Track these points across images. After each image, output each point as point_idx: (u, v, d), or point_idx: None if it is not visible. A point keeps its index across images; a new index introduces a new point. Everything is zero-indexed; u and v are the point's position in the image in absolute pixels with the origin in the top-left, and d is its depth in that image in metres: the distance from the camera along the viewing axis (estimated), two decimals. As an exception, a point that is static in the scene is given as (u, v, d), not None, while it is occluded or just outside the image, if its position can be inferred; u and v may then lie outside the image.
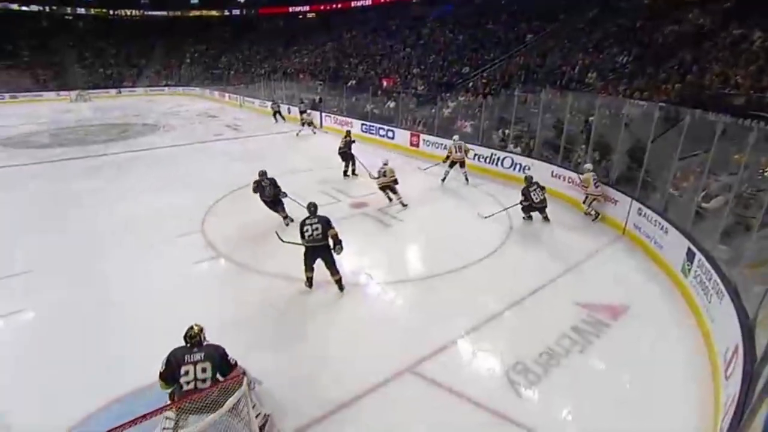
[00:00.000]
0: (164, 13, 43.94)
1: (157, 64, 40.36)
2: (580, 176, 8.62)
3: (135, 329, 5.17)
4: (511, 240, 7.67)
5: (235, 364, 3.54)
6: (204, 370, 3.33)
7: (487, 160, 11.66)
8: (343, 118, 17.93)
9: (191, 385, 3.31)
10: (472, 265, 6.75)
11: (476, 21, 23.42)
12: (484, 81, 17.01)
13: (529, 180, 8.34)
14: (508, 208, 8.47)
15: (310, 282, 5.96)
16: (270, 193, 7.97)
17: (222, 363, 3.44)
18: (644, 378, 4.52)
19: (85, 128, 20.26)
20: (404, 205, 9.16)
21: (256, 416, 3.52)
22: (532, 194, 8.17)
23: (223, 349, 3.53)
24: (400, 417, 4.08)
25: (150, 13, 43.74)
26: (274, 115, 20.83)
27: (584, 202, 8.65)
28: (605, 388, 4.44)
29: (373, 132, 16.06)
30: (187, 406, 3.18)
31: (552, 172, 9.81)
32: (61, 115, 24.96)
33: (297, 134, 17.58)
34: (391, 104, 17.16)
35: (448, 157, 10.66)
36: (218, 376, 3.42)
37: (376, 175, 9.35)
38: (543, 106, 10.61)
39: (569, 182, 9.35)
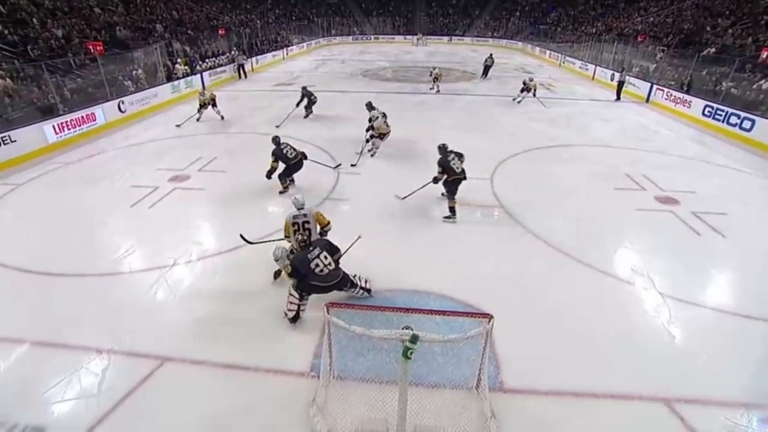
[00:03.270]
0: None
1: (487, 16, 42.49)
2: None
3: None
4: None
5: (338, 248, 4.81)
6: (326, 257, 4.53)
7: None
8: (681, 95, 14.61)
9: (324, 271, 4.49)
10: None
11: None
12: None
13: (443, 149, 6.88)
14: (426, 185, 7.21)
15: (287, 188, 7.80)
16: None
17: (331, 248, 4.69)
18: None
19: (417, 68, 23.90)
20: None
21: (365, 282, 5.09)
22: (452, 164, 6.62)
23: (327, 239, 4.88)
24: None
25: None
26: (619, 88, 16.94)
27: None
28: None
29: (720, 118, 12.50)
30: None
31: None
32: (403, 55, 30.16)
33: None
34: (765, 85, 13.03)
35: (382, 134, 9.79)
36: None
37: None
38: None
39: None
